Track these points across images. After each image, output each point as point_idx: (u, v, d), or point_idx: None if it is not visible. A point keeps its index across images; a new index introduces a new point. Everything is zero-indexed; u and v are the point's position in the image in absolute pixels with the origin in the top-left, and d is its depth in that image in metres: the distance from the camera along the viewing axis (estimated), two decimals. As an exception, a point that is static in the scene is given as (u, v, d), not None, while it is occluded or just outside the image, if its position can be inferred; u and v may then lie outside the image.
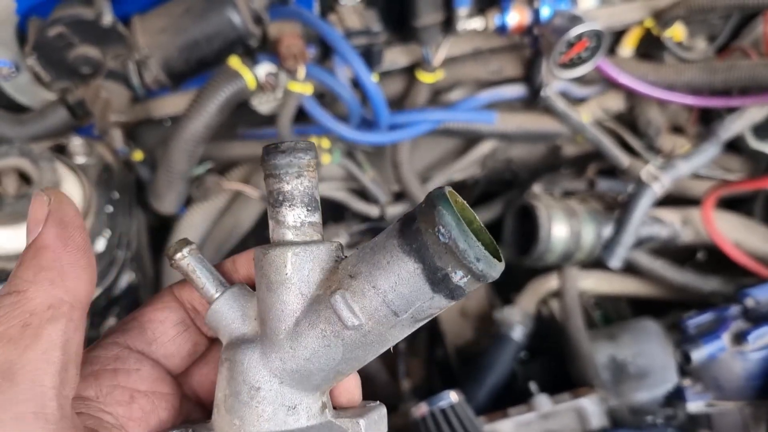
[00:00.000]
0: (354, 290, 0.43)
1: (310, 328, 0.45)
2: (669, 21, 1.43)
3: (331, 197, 1.58)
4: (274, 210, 0.47)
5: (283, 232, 0.46)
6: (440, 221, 0.40)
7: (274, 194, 0.46)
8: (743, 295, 1.23)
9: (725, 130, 1.44)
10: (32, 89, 1.30)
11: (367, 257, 0.43)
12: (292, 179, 0.46)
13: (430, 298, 0.42)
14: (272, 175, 0.46)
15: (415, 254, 0.41)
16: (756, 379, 1.15)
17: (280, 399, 0.46)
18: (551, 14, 1.32)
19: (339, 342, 0.44)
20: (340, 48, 1.25)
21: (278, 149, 0.46)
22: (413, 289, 0.42)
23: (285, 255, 0.45)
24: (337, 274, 0.45)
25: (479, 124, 1.47)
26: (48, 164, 1.15)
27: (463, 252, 0.40)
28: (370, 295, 0.43)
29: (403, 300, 0.42)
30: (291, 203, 0.46)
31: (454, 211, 0.41)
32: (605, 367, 1.43)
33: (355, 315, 0.43)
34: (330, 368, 0.46)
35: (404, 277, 0.42)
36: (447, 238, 0.40)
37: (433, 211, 0.41)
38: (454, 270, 0.41)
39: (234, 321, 0.48)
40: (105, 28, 1.21)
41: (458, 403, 1.14)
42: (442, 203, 0.41)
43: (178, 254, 0.49)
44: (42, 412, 0.38)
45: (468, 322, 1.74)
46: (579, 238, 1.48)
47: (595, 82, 1.53)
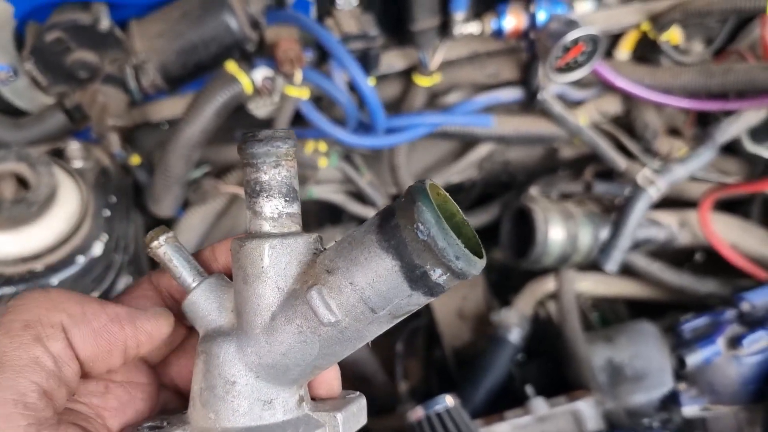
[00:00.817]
0: (331, 286, 0.42)
1: (287, 323, 0.44)
2: (666, 24, 1.43)
3: (329, 200, 1.59)
4: (251, 200, 0.46)
5: (260, 223, 0.46)
6: (419, 218, 0.39)
7: (251, 184, 0.45)
8: (739, 299, 1.23)
9: (722, 134, 1.44)
10: (30, 93, 1.30)
11: (344, 252, 0.42)
12: (269, 169, 0.45)
13: (408, 295, 0.41)
14: (249, 164, 0.45)
15: (393, 251, 0.40)
16: (751, 384, 1.16)
17: (256, 393, 0.46)
18: (547, 19, 1.33)
19: (315, 338, 0.44)
20: (336, 52, 1.26)
21: (256, 137, 0.45)
22: (391, 286, 0.41)
23: (262, 247, 0.44)
24: (315, 269, 0.44)
25: (476, 128, 1.47)
26: (45, 169, 1.15)
27: (442, 250, 0.39)
28: (348, 292, 0.42)
29: (380, 297, 0.42)
30: (268, 193, 0.45)
31: (433, 208, 0.40)
32: (602, 370, 1.44)
33: (331, 311, 0.43)
34: (306, 363, 0.45)
35: (382, 274, 0.41)
36: (426, 236, 0.39)
37: (412, 206, 0.40)
38: (432, 268, 0.40)
39: (210, 312, 0.47)
40: (102, 33, 1.22)
41: (454, 407, 1.15)
42: (422, 199, 0.40)
43: (154, 242, 0.48)
44: (22, 400, 0.39)
45: (465, 323, 1.74)
46: (576, 240, 1.48)
47: (592, 85, 1.53)
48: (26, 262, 1.15)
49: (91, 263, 1.20)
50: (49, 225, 1.16)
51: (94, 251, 1.20)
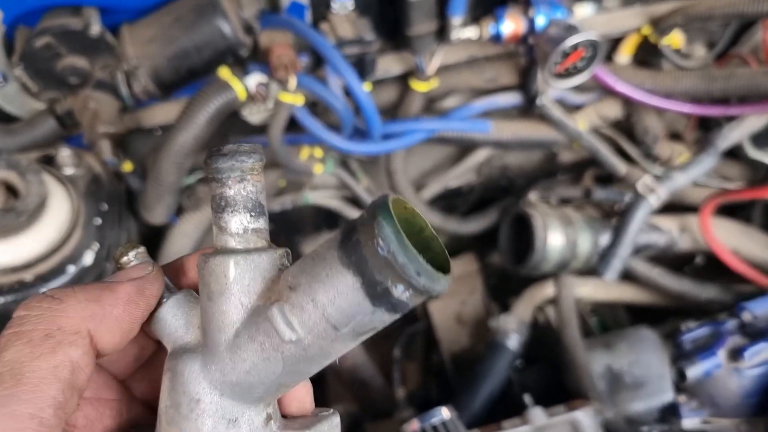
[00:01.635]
0: (293, 303, 0.42)
1: (249, 340, 0.43)
2: (667, 28, 1.41)
3: (325, 206, 1.57)
4: (217, 215, 0.45)
5: (225, 239, 0.45)
6: (379, 233, 0.38)
7: (216, 199, 0.45)
8: (740, 309, 1.22)
9: (723, 140, 1.42)
10: (20, 99, 1.28)
11: (307, 268, 0.42)
12: (234, 183, 0.44)
13: (371, 312, 0.40)
14: (215, 179, 0.45)
15: (354, 267, 0.39)
16: (752, 397, 1.14)
17: (221, 412, 0.45)
18: (546, 23, 1.30)
19: (278, 355, 0.43)
20: (331, 57, 1.24)
21: (220, 152, 0.44)
22: (352, 303, 0.40)
23: (226, 263, 0.44)
24: (278, 285, 0.43)
25: (474, 133, 1.45)
26: (35, 177, 1.13)
27: (403, 266, 0.38)
28: (309, 309, 0.41)
29: (342, 314, 0.41)
30: (233, 208, 0.45)
31: (394, 223, 0.39)
32: (601, 377, 1.42)
33: (293, 329, 0.42)
34: (271, 381, 0.44)
35: (343, 290, 0.40)
36: (386, 251, 0.38)
37: (372, 222, 0.39)
38: (394, 284, 0.39)
39: (177, 329, 0.47)
40: (93, 38, 1.20)
41: (450, 420, 1.13)
42: (382, 214, 0.39)
43: (124, 258, 0.47)
44: (39, 415, 0.38)
45: (464, 328, 1.73)
46: (575, 246, 1.47)
47: (591, 89, 1.51)
48: (16, 272, 1.13)
49: (81, 273, 1.18)
50: (39, 234, 1.14)
51: (85, 260, 1.19)
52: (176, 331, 0.47)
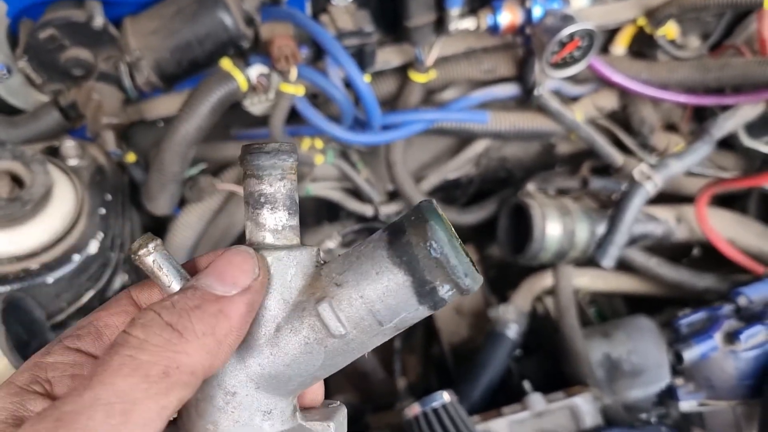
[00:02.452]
0: (340, 299, 0.43)
1: (293, 334, 0.44)
2: (662, 19, 1.42)
3: (326, 197, 1.58)
4: (255, 212, 0.46)
5: (264, 235, 0.46)
6: (432, 236, 0.41)
7: (255, 195, 0.46)
8: (736, 294, 1.23)
9: (718, 129, 1.44)
10: (24, 91, 1.29)
11: (353, 266, 0.43)
12: (275, 181, 0.45)
13: (416, 309, 0.43)
14: (254, 175, 0.45)
15: (405, 267, 0.42)
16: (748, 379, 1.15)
17: (256, 404, 0.45)
18: (543, 14, 1.32)
19: (321, 349, 0.44)
20: (332, 49, 1.25)
21: (262, 150, 0.45)
22: (401, 300, 0.42)
23: (269, 259, 0.45)
24: (321, 281, 0.45)
25: (472, 124, 1.47)
26: (40, 167, 1.15)
27: (454, 267, 0.42)
28: (357, 305, 0.43)
29: (389, 311, 0.43)
30: (273, 206, 0.45)
31: (445, 227, 0.42)
32: (600, 365, 1.44)
33: (342, 324, 0.43)
34: (308, 374, 0.45)
35: (393, 288, 0.42)
36: (439, 254, 0.41)
37: (425, 225, 0.42)
38: (442, 284, 0.42)
39: None
40: (96, 31, 1.21)
41: (450, 404, 1.15)
42: (434, 218, 0.42)
43: (143, 249, 0.45)
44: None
45: (464, 319, 1.74)
46: (573, 236, 1.48)
47: (588, 80, 1.53)
48: (21, 261, 1.14)
49: (86, 261, 1.19)
50: (44, 223, 1.16)
51: (90, 249, 1.20)
52: None
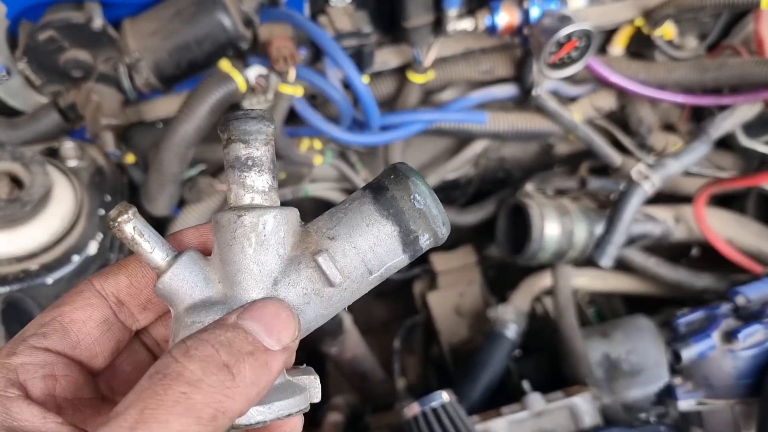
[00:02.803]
0: (335, 250, 0.47)
1: (291, 286, 0.47)
2: (659, 20, 1.43)
3: (324, 198, 1.59)
4: (242, 175, 0.47)
5: (252, 196, 0.47)
6: (416, 190, 0.47)
7: (242, 159, 0.47)
8: (734, 293, 1.23)
9: (716, 129, 1.44)
10: (24, 93, 1.30)
11: (343, 221, 0.47)
12: (261, 146, 0.47)
13: (399, 257, 0.48)
14: (241, 140, 0.47)
15: (392, 218, 0.47)
16: (746, 378, 1.16)
17: None
18: (540, 14, 1.32)
19: (318, 299, 0.47)
20: (330, 50, 1.26)
21: (248, 115, 0.47)
22: (388, 249, 0.47)
23: (264, 217, 0.46)
24: (312, 236, 0.48)
25: (471, 124, 1.47)
26: (40, 168, 1.15)
27: (435, 217, 0.48)
28: (351, 255, 0.47)
29: (378, 259, 0.47)
30: (260, 168, 0.47)
31: (426, 182, 0.48)
32: (599, 365, 1.44)
33: (339, 272, 0.46)
34: (303, 325, 0.47)
35: (382, 238, 0.47)
36: (422, 205, 0.47)
37: (407, 180, 0.47)
38: (423, 233, 0.48)
39: (197, 284, 0.47)
40: (95, 32, 1.21)
41: (450, 403, 1.15)
42: (414, 174, 0.48)
43: (122, 216, 0.45)
44: None
45: (463, 320, 1.74)
46: (571, 236, 1.48)
47: (586, 81, 1.53)
48: (21, 262, 1.15)
49: (86, 262, 1.20)
50: (43, 224, 1.16)
51: (90, 250, 1.20)
52: (195, 286, 0.47)
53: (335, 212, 0.48)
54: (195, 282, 0.47)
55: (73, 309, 0.46)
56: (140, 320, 0.50)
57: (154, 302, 0.50)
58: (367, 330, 1.71)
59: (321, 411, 1.54)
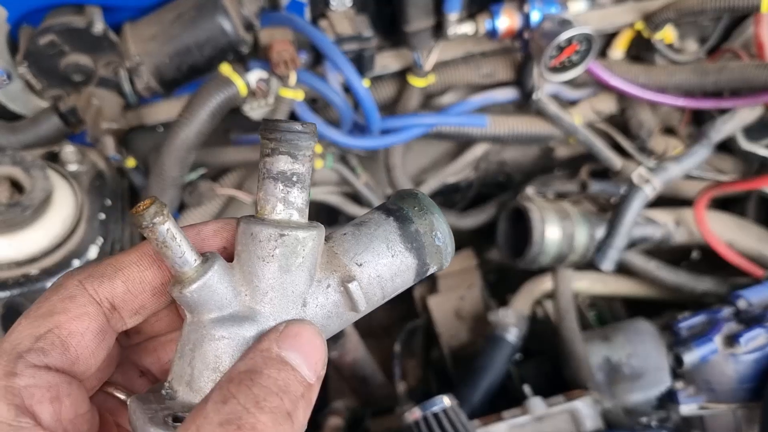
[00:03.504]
0: (361, 278, 0.48)
1: (318, 308, 0.48)
2: (659, 23, 1.43)
3: (325, 201, 1.59)
4: (285, 189, 0.45)
5: (291, 212, 0.46)
6: (438, 227, 0.50)
7: (287, 173, 0.45)
8: (735, 297, 1.23)
9: (716, 132, 1.44)
10: (24, 97, 1.30)
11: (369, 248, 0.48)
12: (306, 161, 0.46)
13: (409, 285, 0.51)
14: (290, 153, 0.45)
15: (415, 252, 0.49)
16: (748, 382, 1.16)
17: None
18: (541, 18, 1.33)
19: (338, 321, 0.49)
20: (331, 54, 1.26)
21: (301, 130, 0.45)
22: (405, 279, 0.50)
23: (305, 238, 0.45)
24: (339, 260, 0.48)
25: (471, 128, 1.47)
26: (40, 172, 1.15)
27: (448, 254, 0.51)
28: (375, 283, 0.48)
29: (394, 288, 0.50)
30: (303, 185, 0.46)
31: (444, 217, 0.50)
32: (599, 369, 1.44)
33: (367, 301, 0.48)
34: None
35: (403, 269, 0.49)
36: (441, 242, 0.50)
37: (431, 217, 0.50)
38: (433, 265, 0.51)
39: (226, 296, 0.45)
40: (96, 36, 1.21)
41: (451, 408, 1.15)
42: (437, 211, 0.50)
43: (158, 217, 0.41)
44: None
45: (463, 323, 1.74)
46: (572, 239, 1.48)
47: (586, 84, 1.53)
48: (21, 266, 1.14)
49: (86, 267, 1.19)
50: (44, 229, 1.16)
51: (90, 255, 1.20)
52: (224, 298, 0.45)
53: (360, 235, 0.49)
54: (224, 293, 0.45)
55: (69, 319, 0.43)
56: (128, 324, 0.47)
57: (148, 306, 0.47)
58: (367, 334, 1.70)
59: (321, 415, 1.54)
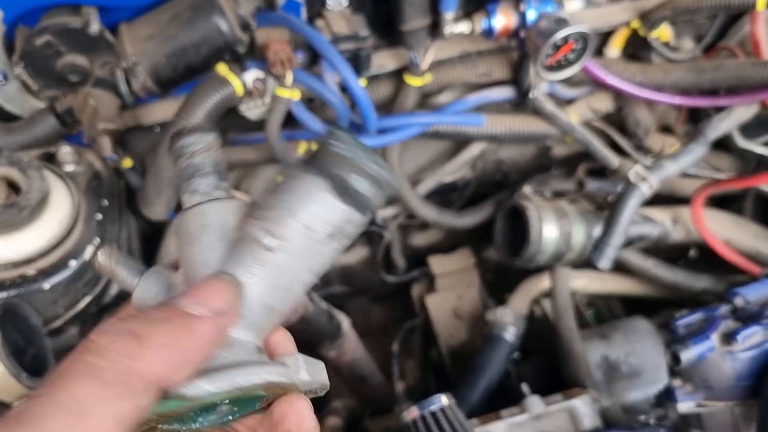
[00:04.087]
0: (265, 216, 0.47)
1: (235, 264, 0.47)
2: (655, 22, 1.43)
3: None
4: (188, 183, 0.50)
5: (198, 198, 0.50)
6: (340, 138, 0.46)
7: (187, 169, 0.50)
8: (732, 295, 1.23)
9: (713, 130, 1.44)
10: (20, 98, 1.30)
11: (274, 191, 0.48)
12: (200, 153, 0.50)
13: (340, 208, 0.46)
14: (183, 154, 0.50)
15: (316, 170, 0.46)
16: (746, 379, 1.16)
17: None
18: (537, 17, 1.33)
19: (262, 268, 0.46)
20: (327, 53, 1.26)
21: (182, 133, 0.51)
22: (320, 200, 0.46)
23: (201, 208, 0.49)
24: (249, 213, 0.49)
25: (468, 127, 1.47)
26: (36, 173, 1.15)
27: (360, 157, 0.46)
28: (283, 216, 0.46)
29: (313, 214, 0.46)
30: (202, 172, 0.50)
31: (348, 130, 0.48)
32: (598, 367, 1.44)
33: (274, 236, 0.46)
34: (258, 300, 0.47)
35: (310, 192, 0.46)
36: (347, 151, 0.46)
37: (330, 136, 0.47)
38: (353, 176, 0.46)
39: (161, 291, 0.50)
40: (92, 37, 1.21)
41: (449, 407, 1.15)
42: (336, 127, 0.48)
43: (102, 256, 0.52)
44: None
45: (461, 323, 1.74)
46: (569, 238, 1.48)
47: (583, 83, 1.53)
48: (18, 267, 1.14)
49: (83, 267, 1.19)
50: (40, 229, 1.15)
51: (87, 255, 1.20)
52: (159, 294, 0.50)
53: (270, 188, 0.49)
54: (159, 291, 0.50)
55: None
56: None
57: None
58: (365, 333, 1.71)
59: (320, 415, 1.54)
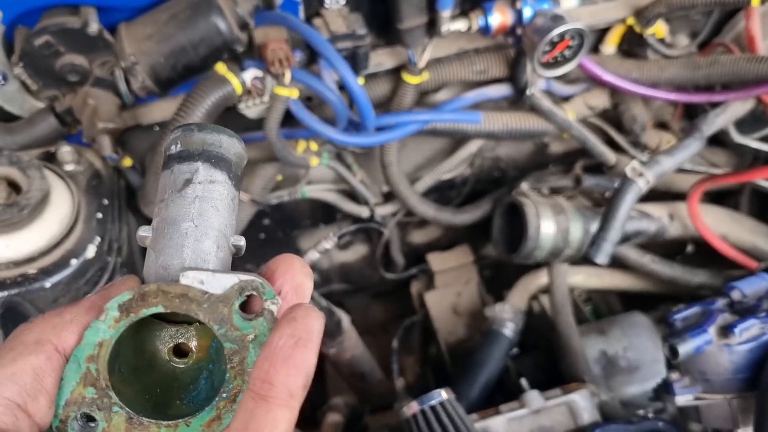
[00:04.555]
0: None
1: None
2: (651, 18, 1.44)
3: (321, 199, 1.59)
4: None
5: None
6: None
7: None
8: (730, 288, 1.24)
9: (708, 125, 1.45)
10: (20, 98, 1.30)
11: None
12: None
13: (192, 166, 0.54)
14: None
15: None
16: (743, 372, 1.16)
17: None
18: (533, 14, 1.33)
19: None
20: (325, 52, 1.26)
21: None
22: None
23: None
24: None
25: (466, 124, 1.48)
26: (37, 172, 1.15)
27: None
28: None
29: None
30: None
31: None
32: (596, 362, 1.45)
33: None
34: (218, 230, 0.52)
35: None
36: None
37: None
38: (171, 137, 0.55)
39: None
40: (91, 37, 1.22)
41: (448, 401, 1.15)
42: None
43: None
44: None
45: (460, 319, 1.75)
46: (567, 234, 1.49)
47: (579, 80, 1.54)
48: (19, 266, 1.15)
49: (84, 266, 1.20)
50: (41, 228, 1.16)
51: (88, 254, 1.20)
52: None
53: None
54: None
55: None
56: None
57: None
58: (365, 330, 1.71)
59: (320, 412, 1.55)
